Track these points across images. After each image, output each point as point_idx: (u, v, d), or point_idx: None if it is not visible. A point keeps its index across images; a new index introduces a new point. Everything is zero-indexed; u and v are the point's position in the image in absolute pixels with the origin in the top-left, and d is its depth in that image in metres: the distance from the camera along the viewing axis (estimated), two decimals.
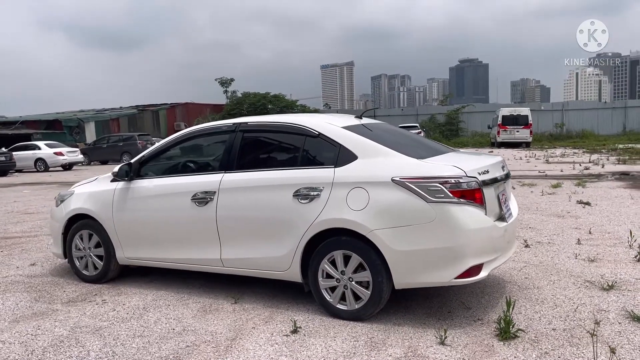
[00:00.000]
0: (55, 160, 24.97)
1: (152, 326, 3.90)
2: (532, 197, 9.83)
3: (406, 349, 3.34)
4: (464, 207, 3.58)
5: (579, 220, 7.38)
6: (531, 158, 20.82)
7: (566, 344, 3.32)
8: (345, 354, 3.30)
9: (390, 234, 3.63)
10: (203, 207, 4.35)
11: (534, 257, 5.45)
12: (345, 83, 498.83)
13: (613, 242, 6.01)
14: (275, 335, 3.63)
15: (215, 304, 4.36)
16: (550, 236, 6.44)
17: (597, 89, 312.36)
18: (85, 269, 5.12)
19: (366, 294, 3.78)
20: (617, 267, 4.99)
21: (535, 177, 13.44)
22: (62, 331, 3.86)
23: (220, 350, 3.42)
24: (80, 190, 5.24)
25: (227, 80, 47.19)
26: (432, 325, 3.72)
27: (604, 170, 14.26)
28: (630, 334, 3.44)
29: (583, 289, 4.38)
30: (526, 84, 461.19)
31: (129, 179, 4.82)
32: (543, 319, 3.77)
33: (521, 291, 4.40)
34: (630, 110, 38.57)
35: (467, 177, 3.62)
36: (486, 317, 3.84)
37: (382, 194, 3.68)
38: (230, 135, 4.50)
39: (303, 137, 4.19)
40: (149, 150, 4.95)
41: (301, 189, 3.95)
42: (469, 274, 3.60)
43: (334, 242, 3.86)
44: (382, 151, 3.91)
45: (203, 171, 4.66)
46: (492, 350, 3.28)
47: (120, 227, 4.83)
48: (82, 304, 4.48)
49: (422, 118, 41.17)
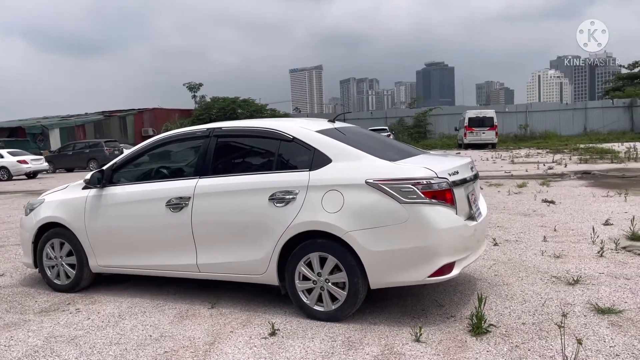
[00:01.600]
0: (18, 168, 24.28)
1: (128, 333, 3.88)
2: (500, 196, 10.10)
3: (383, 347, 3.42)
4: (436, 207, 3.69)
5: (544, 218, 7.63)
6: (497, 159, 21.32)
7: (535, 337, 3.46)
8: (323, 354, 3.36)
9: (365, 235, 3.71)
10: (178, 213, 4.35)
11: (502, 255, 5.62)
12: (315, 87, 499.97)
13: (577, 238, 6.24)
14: (253, 339, 3.67)
15: (192, 309, 4.36)
16: (517, 234, 6.64)
17: (559, 91, 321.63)
18: (57, 278, 5.04)
19: (342, 295, 3.85)
20: (581, 262, 5.19)
21: (501, 177, 13.78)
22: (36, 341, 3.80)
23: (199, 355, 3.43)
24: (51, 199, 5.16)
25: (195, 85, 46.86)
26: (407, 323, 3.81)
27: (567, 170, 14.73)
28: (595, 325, 3.60)
29: (550, 284, 4.54)
30: (491, 86, 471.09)
31: (102, 186, 4.78)
32: (513, 313, 3.91)
33: (491, 288, 4.54)
34: (590, 112, 39.86)
35: (438, 178, 3.73)
36: (459, 314, 3.95)
37: (357, 196, 3.76)
38: (205, 140, 4.51)
39: (278, 141, 4.24)
40: (121, 157, 4.91)
41: (277, 192, 3.99)
42: (442, 272, 3.71)
43: (310, 245, 3.91)
44: (356, 154, 4.00)
45: (177, 177, 4.65)
46: (465, 345, 3.39)
47: (93, 234, 4.77)
48: (55, 314, 4.41)
49: (391, 121, 41.65)
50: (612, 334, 3.45)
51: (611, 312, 3.80)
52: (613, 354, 3.16)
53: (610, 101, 40.41)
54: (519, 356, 3.19)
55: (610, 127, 37.77)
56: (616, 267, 4.96)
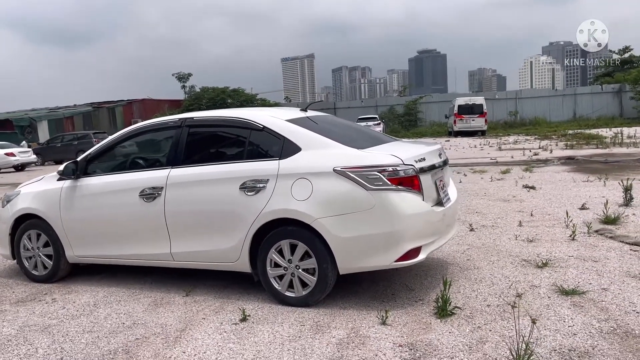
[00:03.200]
0: (6, 161, 24.17)
1: (102, 322, 3.94)
2: (482, 183, 10.20)
3: (349, 331, 3.49)
4: (402, 193, 3.76)
5: (523, 203, 7.73)
6: (485, 146, 21.43)
7: (498, 318, 3.55)
8: (290, 337, 3.44)
9: (333, 222, 3.77)
10: (151, 203, 4.39)
11: (477, 240, 5.71)
12: (307, 76, 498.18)
13: (552, 223, 6.34)
14: (224, 324, 3.73)
15: (167, 297, 4.42)
16: (494, 220, 6.73)
17: (551, 77, 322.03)
18: (35, 269, 5.09)
19: (313, 281, 3.92)
20: (552, 246, 5.29)
21: (486, 164, 13.89)
22: (10, 330, 3.86)
23: (169, 341, 3.50)
24: (27, 190, 5.19)
25: (184, 75, 46.59)
26: (376, 307, 3.89)
27: (552, 156, 14.85)
28: (557, 306, 3.70)
29: (519, 268, 4.64)
30: (483, 73, 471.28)
31: (76, 177, 4.81)
32: (479, 296, 4.00)
33: (462, 272, 4.63)
34: (579, 97, 40.01)
35: (404, 165, 3.80)
36: (427, 297, 4.04)
37: (325, 184, 3.82)
38: (177, 130, 4.54)
39: (248, 130, 4.28)
40: (95, 148, 4.94)
41: (247, 181, 4.04)
42: (408, 256, 3.78)
43: (280, 232, 3.98)
44: (324, 143, 4.05)
45: (150, 167, 4.68)
46: (429, 327, 3.47)
47: (68, 225, 4.81)
48: (31, 304, 4.46)
49: (382, 109, 41.64)
50: (573, 314, 3.55)
51: (574, 294, 3.90)
52: (571, 333, 3.25)
53: (600, 87, 40.56)
54: (480, 337, 3.28)
55: (600, 113, 37.96)
56: (586, 250, 5.06)
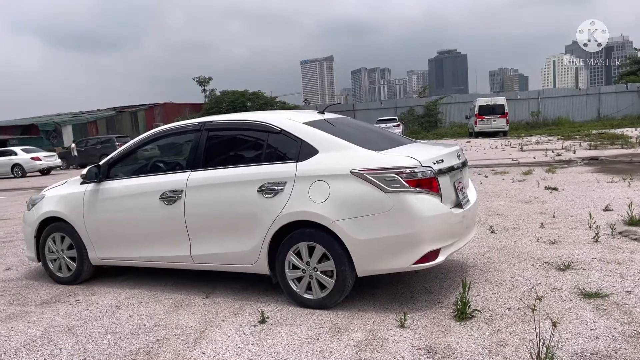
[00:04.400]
0: (32, 165, 24.73)
1: (124, 323, 4.00)
2: (503, 184, 10.08)
3: (367, 333, 3.49)
4: (420, 195, 3.74)
5: (545, 205, 7.62)
6: (506, 146, 21.18)
7: (518, 321, 3.51)
8: (309, 339, 3.45)
9: (351, 224, 3.77)
10: (171, 206, 4.45)
11: (498, 242, 5.65)
12: (326, 78, 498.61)
13: (575, 224, 6.24)
14: (243, 326, 3.76)
15: (187, 299, 4.47)
16: (515, 221, 6.65)
17: (574, 76, 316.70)
18: (59, 271, 5.19)
19: (331, 283, 3.92)
20: (575, 248, 5.20)
21: (508, 165, 13.73)
22: (35, 331, 3.94)
23: (189, 342, 3.54)
24: (51, 194, 5.30)
25: (205, 79, 47.00)
26: (394, 310, 3.88)
27: (575, 156, 14.62)
28: (579, 309, 3.64)
29: (541, 270, 4.57)
30: (504, 73, 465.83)
31: (98, 181, 4.90)
32: (500, 299, 3.95)
33: (482, 274, 4.59)
34: (604, 97, 39.29)
35: (422, 167, 3.78)
36: (446, 300, 4.01)
37: (342, 186, 3.83)
38: (196, 134, 4.60)
39: (266, 133, 4.31)
40: (117, 152, 5.03)
41: (265, 184, 4.07)
42: (427, 259, 3.76)
43: (298, 234, 3.99)
44: (342, 145, 4.05)
45: (171, 170, 4.74)
46: (448, 330, 3.45)
47: (91, 228, 4.90)
48: (55, 305, 4.56)
49: (401, 111, 41.46)
50: (595, 317, 3.49)
51: (597, 296, 3.83)
52: (593, 337, 3.20)
53: (625, 86, 39.76)
54: (500, 340, 3.24)
55: (625, 112, 37.21)
56: (610, 252, 4.97)
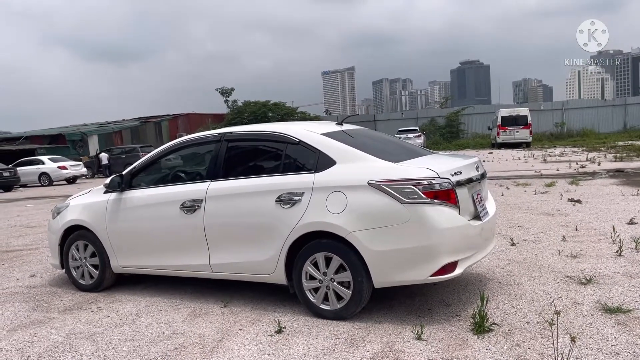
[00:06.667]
0: (59, 174, 25.26)
1: (143, 330, 4.06)
2: (525, 196, 9.95)
3: (384, 345, 3.48)
4: (437, 207, 3.73)
5: (567, 217, 7.50)
6: (529, 158, 20.92)
7: (538, 335, 3.46)
8: (325, 351, 3.45)
9: (368, 235, 3.78)
10: (191, 215, 4.51)
11: (518, 255, 5.58)
12: (347, 89, 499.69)
13: (598, 238, 6.13)
14: (260, 336, 3.79)
15: (206, 308, 4.51)
16: (537, 234, 6.56)
17: (600, 87, 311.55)
18: (82, 279, 5.29)
19: (347, 294, 3.92)
20: (598, 262, 5.11)
21: (530, 176, 13.55)
22: (57, 337, 4.03)
23: (206, 351, 3.58)
24: (75, 202, 5.42)
25: (227, 90, 47.60)
26: (411, 322, 3.86)
27: (600, 168, 14.36)
28: (600, 324, 3.57)
29: (562, 284, 4.50)
30: (528, 83, 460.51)
31: (121, 190, 5.00)
32: (519, 313, 3.90)
33: (501, 287, 4.54)
34: (630, 108, 38.61)
35: (439, 179, 3.77)
36: (464, 313, 3.97)
37: (359, 197, 3.84)
38: (216, 145, 4.67)
39: (284, 144, 4.36)
40: (139, 162, 5.13)
41: (283, 194, 4.11)
42: (445, 271, 3.74)
43: (315, 245, 4.01)
44: (359, 156, 4.08)
45: (191, 180, 4.82)
46: (465, 343, 3.42)
47: (113, 237, 5.00)
48: (78, 312, 4.65)
49: (423, 121, 41.31)
50: (617, 332, 3.42)
51: (619, 312, 3.76)
52: (614, 353, 3.14)
53: None
54: (518, 354, 3.20)
55: None
56: (633, 267, 4.87)
